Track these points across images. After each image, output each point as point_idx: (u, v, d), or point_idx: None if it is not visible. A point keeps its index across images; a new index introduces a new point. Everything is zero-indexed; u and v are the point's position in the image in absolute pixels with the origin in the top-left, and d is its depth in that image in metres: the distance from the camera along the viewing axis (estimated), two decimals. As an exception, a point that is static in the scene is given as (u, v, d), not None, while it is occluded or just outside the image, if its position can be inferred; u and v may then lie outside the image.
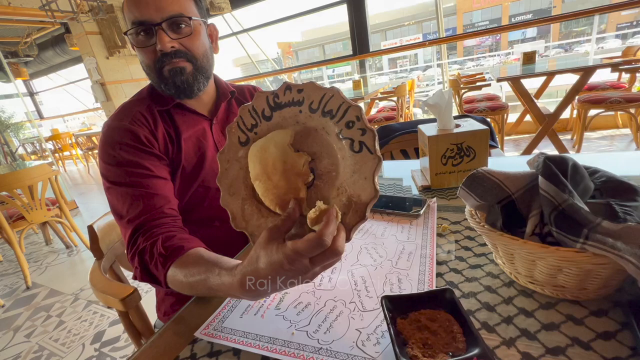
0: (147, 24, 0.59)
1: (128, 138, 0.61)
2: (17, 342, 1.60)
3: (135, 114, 0.64)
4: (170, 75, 0.62)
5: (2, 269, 2.47)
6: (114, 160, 0.60)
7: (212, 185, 0.70)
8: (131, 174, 0.59)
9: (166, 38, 0.59)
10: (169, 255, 0.49)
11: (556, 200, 0.34)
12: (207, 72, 0.67)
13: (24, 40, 5.20)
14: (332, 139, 0.36)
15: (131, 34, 0.61)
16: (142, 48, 0.62)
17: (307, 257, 0.31)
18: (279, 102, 0.37)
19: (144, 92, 0.70)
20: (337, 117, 0.35)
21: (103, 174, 0.61)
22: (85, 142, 6.24)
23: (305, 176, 0.38)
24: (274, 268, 0.33)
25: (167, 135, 0.66)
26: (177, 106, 0.68)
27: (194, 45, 0.63)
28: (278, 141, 0.38)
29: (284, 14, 5.80)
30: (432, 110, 0.69)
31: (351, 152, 0.36)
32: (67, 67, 7.49)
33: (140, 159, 0.60)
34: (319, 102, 0.36)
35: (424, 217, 0.61)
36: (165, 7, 0.58)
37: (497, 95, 3.22)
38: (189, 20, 0.61)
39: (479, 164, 0.67)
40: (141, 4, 0.58)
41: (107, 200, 0.61)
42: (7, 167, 3.18)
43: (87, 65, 3.91)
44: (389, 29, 33.43)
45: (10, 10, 3.09)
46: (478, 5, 28.06)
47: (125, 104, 0.68)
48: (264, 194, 0.38)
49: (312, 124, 0.37)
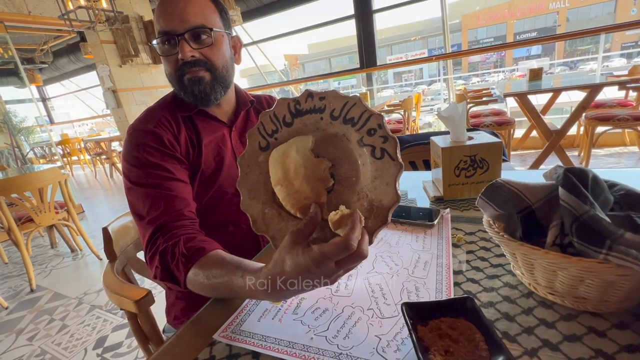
0: (171, 34, 0.62)
1: (152, 141, 0.63)
2: (20, 345, 1.60)
3: (160, 118, 0.66)
4: (189, 83, 0.64)
5: (7, 271, 2.48)
6: (138, 162, 0.61)
7: (228, 190, 0.72)
8: (153, 175, 0.60)
9: (187, 48, 0.62)
10: (191, 256, 0.50)
11: (577, 211, 0.34)
12: (225, 82, 0.69)
13: (41, 47, 5.35)
14: (353, 145, 0.37)
15: (157, 43, 0.64)
16: (166, 57, 0.65)
17: (333, 260, 0.32)
18: (300, 108, 0.38)
19: (168, 97, 0.72)
20: (359, 124, 0.36)
21: (125, 174, 0.63)
22: (93, 148, 6.33)
23: (326, 181, 0.39)
24: (300, 271, 0.33)
25: (189, 139, 0.68)
26: (199, 112, 0.70)
27: (214, 56, 0.65)
28: (299, 147, 0.39)
29: (293, 27, 5.93)
30: (446, 122, 0.71)
31: (372, 158, 0.37)
32: (79, 75, 7.67)
33: (162, 161, 0.62)
34: (341, 109, 0.37)
35: (437, 227, 0.61)
36: (189, 19, 0.61)
37: (503, 111, 3.24)
38: (210, 31, 0.64)
39: (493, 176, 0.67)
40: (167, 16, 0.61)
41: (128, 201, 0.62)
42: (18, 170, 3.23)
43: (100, 72, 4.00)
44: (395, 44, 33.96)
45: (30, 18, 3.20)
46: (483, 22, 28.51)
47: (150, 108, 0.70)
48: (285, 198, 0.39)
49: (333, 130, 0.38)
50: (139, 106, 4.12)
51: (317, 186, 0.38)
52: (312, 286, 0.35)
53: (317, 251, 0.32)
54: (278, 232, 0.40)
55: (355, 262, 0.33)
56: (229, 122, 0.74)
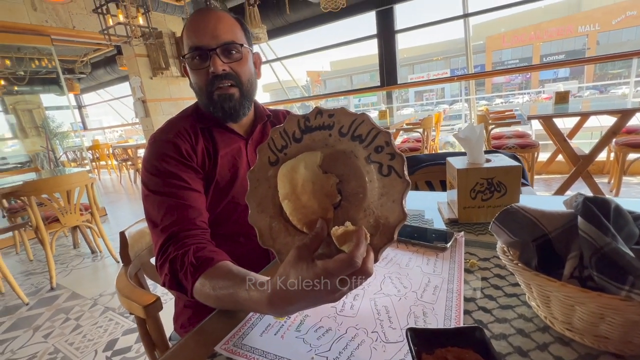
0: (204, 49, 0.65)
1: (171, 150, 0.65)
2: (35, 341, 1.64)
3: (180, 129, 0.69)
4: (219, 99, 0.68)
5: (32, 268, 2.59)
6: (156, 170, 0.64)
7: (241, 201, 0.73)
8: (170, 184, 0.63)
9: (219, 61, 0.65)
10: (199, 266, 0.51)
11: (597, 243, 0.32)
12: (251, 97, 0.73)
13: (81, 59, 5.75)
14: (361, 162, 0.37)
15: (188, 58, 0.67)
16: (196, 70, 0.67)
17: (337, 276, 0.32)
18: (310, 125, 0.39)
19: (189, 110, 0.76)
20: (367, 141, 0.37)
21: (144, 181, 0.65)
22: (120, 154, 6.63)
23: (333, 197, 0.39)
24: (303, 286, 0.33)
25: (206, 150, 0.70)
26: (218, 125, 0.73)
27: (242, 70, 0.69)
28: (308, 162, 0.39)
29: (316, 45, 6.09)
30: (463, 143, 0.69)
31: (379, 175, 0.36)
32: (113, 85, 8.14)
33: (179, 171, 0.64)
34: (349, 127, 0.37)
35: (450, 250, 0.59)
36: (220, 35, 0.65)
37: (527, 133, 3.15)
38: (240, 47, 0.67)
39: (510, 201, 0.65)
40: (200, 32, 0.65)
41: (144, 208, 0.65)
42: (50, 172, 3.42)
43: (133, 83, 4.23)
44: (417, 63, 34.11)
45: (74, 33, 3.47)
46: (508, 44, 28.22)
47: (171, 119, 0.73)
48: (292, 213, 0.39)
49: (341, 147, 0.38)
50: (165, 116, 4.30)
51: (324, 202, 0.38)
52: (315, 302, 0.35)
53: (321, 267, 0.32)
54: (284, 246, 0.40)
55: (359, 279, 0.33)
56: (245, 135, 0.77)
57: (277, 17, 4.11)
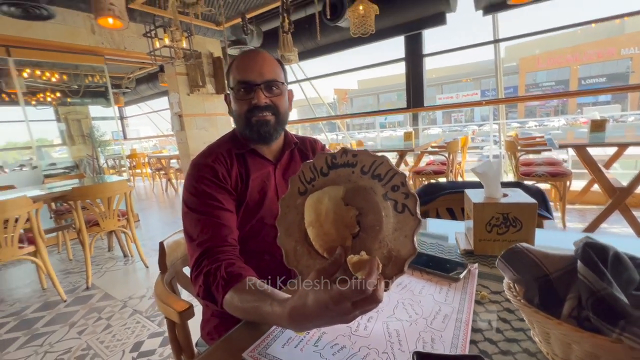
0: (251, 84, 0.75)
1: (209, 174, 0.74)
2: (70, 337, 1.77)
3: (218, 154, 0.79)
4: (256, 124, 0.77)
5: (71, 267, 2.79)
6: (195, 191, 0.73)
7: (267, 222, 0.80)
8: (206, 204, 0.71)
9: (262, 95, 0.75)
10: (229, 280, 0.57)
11: (594, 286, 0.35)
12: (283, 125, 0.82)
13: (128, 76, 6.28)
14: (379, 198, 0.42)
15: (235, 89, 0.77)
16: (241, 100, 0.77)
17: (350, 300, 0.37)
18: (336, 162, 0.45)
19: (227, 136, 0.85)
20: (385, 180, 0.42)
21: (184, 200, 0.74)
22: (155, 163, 7.04)
23: (352, 227, 0.44)
24: (319, 306, 0.38)
25: (239, 174, 0.79)
26: (251, 151, 0.82)
27: (280, 103, 0.79)
28: (332, 195, 0.45)
29: (345, 66, 6.25)
30: (480, 178, 0.73)
31: (394, 212, 0.41)
32: (153, 99, 8.75)
33: (215, 192, 0.73)
34: (370, 166, 0.43)
35: (463, 281, 0.62)
36: (265, 74, 0.75)
37: (559, 160, 3.05)
38: (280, 84, 0.78)
39: (526, 236, 0.67)
40: (248, 70, 0.75)
41: (183, 223, 0.73)
42: (92, 179, 3.71)
43: (171, 99, 4.55)
44: (446, 84, 33.80)
45: (125, 53, 3.83)
46: (543, 66, 27.37)
47: (211, 145, 0.83)
48: (315, 238, 0.45)
49: (362, 183, 0.44)
50: (199, 130, 4.57)
51: (343, 231, 0.44)
52: (329, 322, 0.40)
53: (336, 290, 0.37)
54: (306, 268, 0.46)
55: (370, 305, 0.37)
56: (274, 161, 0.85)
57: (308, 41, 4.31)
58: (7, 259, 1.96)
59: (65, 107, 6.72)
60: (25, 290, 2.41)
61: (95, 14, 2.23)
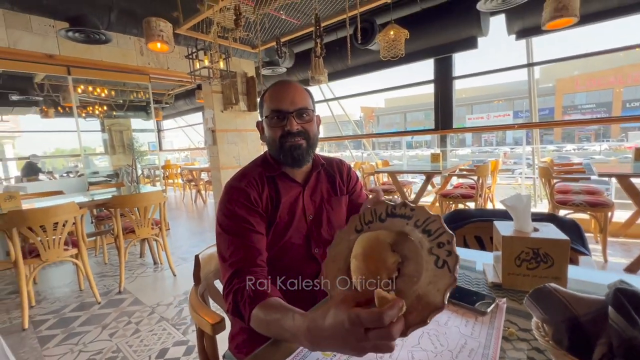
0: (283, 112, 0.81)
1: (242, 197, 0.80)
2: (102, 338, 1.87)
3: (250, 178, 0.84)
4: (290, 148, 0.82)
5: (106, 270, 2.96)
6: (229, 213, 0.78)
7: (295, 241, 0.85)
8: (239, 226, 0.76)
9: (294, 122, 0.81)
10: (255, 298, 0.62)
11: (625, 333, 0.35)
12: (314, 148, 0.88)
13: (168, 92, 6.73)
14: (424, 252, 0.45)
15: (269, 117, 0.83)
16: (274, 127, 0.83)
17: (364, 325, 0.38)
18: (395, 212, 0.50)
19: (259, 160, 0.92)
20: (433, 236, 0.45)
21: (218, 222, 0.80)
22: (186, 174, 7.38)
23: (391, 272, 0.48)
24: (336, 322, 0.40)
25: (270, 197, 0.84)
26: (281, 174, 0.87)
27: (310, 129, 0.85)
28: (382, 238, 0.50)
29: (372, 86, 6.34)
30: (510, 211, 0.73)
31: (434, 266, 0.44)
32: (189, 114, 9.28)
33: (247, 215, 0.78)
34: (423, 221, 0.46)
35: (491, 315, 0.61)
36: (297, 102, 0.82)
37: (600, 190, 2.88)
38: (310, 112, 0.84)
39: (558, 273, 0.66)
40: (280, 99, 0.82)
41: (216, 243, 0.79)
42: (128, 188, 3.96)
43: (206, 115, 4.82)
44: (476, 104, 33.05)
45: (168, 73, 4.15)
46: (582, 87, 26.10)
47: (244, 169, 0.89)
48: (355, 270, 0.49)
49: (412, 235, 0.47)
50: (230, 145, 4.77)
51: (382, 272, 0.48)
52: (341, 344, 0.41)
53: (354, 312, 0.39)
54: (338, 294, 0.49)
55: (382, 338, 0.38)
56: (303, 183, 0.90)
57: (337, 62, 4.44)
58: (53, 259, 2.13)
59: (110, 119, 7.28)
60: (65, 289, 2.58)
61: (146, 39, 2.46)
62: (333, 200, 0.93)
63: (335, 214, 0.92)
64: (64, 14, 2.77)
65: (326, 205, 0.91)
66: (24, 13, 2.85)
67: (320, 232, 0.89)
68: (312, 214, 0.89)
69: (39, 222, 1.99)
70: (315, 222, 0.89)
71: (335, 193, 0.94)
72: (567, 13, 2.31)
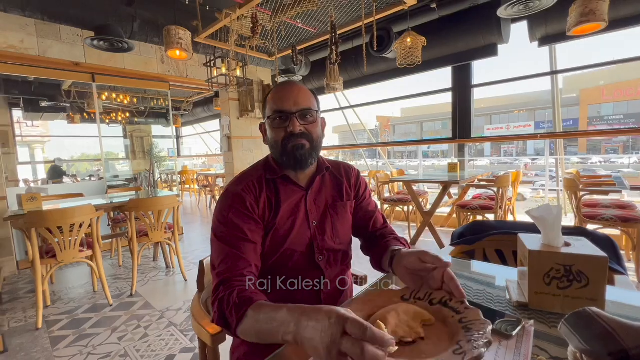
0: (286, 113, 0.78)
1: (237, 203, 0.77)
2: (112, 341, 1.86)
3: (248, 182, 0.81)
4: (292, 149, 0.78)
5: (119, 273, 3.00)
6: (224, 220, 0.76)
7: (297, 249, 0.81)
8: (231, 235, 0.74)
9: (297, 123, 0.78)
10: (240, 304, 0.60)
11: (691, 374, 0.29)
12: (317, 151, 0.84)
13: (187, 100, 6.91)
14: (453, 342, 0.46)
15: (271, 118, 0.80)
16: (277, 128, 0.80)
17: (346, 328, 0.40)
18: (448, 304, 0.51)
19: (260, 163, 0.88)
20: (470, 333, 0.46)
21: (213, 228, 0.77)
22: (202, 180, 7.50)
23: (408, 337, 0.49)
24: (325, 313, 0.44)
25: (268, 201, 0.81)
26: (283, 177, 0.84)
27: (313, 130, 0.81)
28: (418, 315, 0.52)
29: (389, 94, 6.29)
30: (537, 222, 0.66)
31: (452, 353, 0.43)
32: (206, 121, 9.49)
33: (242, 222, 0.75)
34: (469, 320, 0.48)
35: (516, 339, 0.55)
36: (300, 103, 0.79)
37: (632, 204, 2.70)
38: (314, 112, 0.81)
39: (594, 294, 0.58)
40: (284, 100, 0.79)
41: (210, 249, 0.77)
42: (146, 192, 4.04)
43: (223, 122, 4.89)
44: (495, 114, 32.30)
45: (187, 80, 4.25)
46: (609, 98, 25.05)
47: (243, 172, 0.86)
48: (377, 319, 0.51)
49: (452, 326, 0.49)
50: (245, 152, 4.81)
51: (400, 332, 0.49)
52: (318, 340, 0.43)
53: (344, 312, 0.41)
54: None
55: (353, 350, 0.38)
56: (305, 187, 0.86)
57: (353, 70, 4.43)
58: (69, 260, 2.16)
59: (132, 125, 7.53)
60: (79, 290, 2.62)
61: (165, 47, 2.52)
62: (338, 206, 0.89)
63: (340, 220, 0.88)
64: (90, 23, 2.89)
65: (331, 211, 0.87)
66: (54, 23, 3.00)
67: (324, 239, 0.84)
68: (316, 219, 0.85)
69: (57, 223, 2.03)
70: (320, 229, 0.85)
71: (340, 198, 0.90)
72: (595, 18, 2.21)
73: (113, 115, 6.56)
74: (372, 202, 0.98)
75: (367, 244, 0.93)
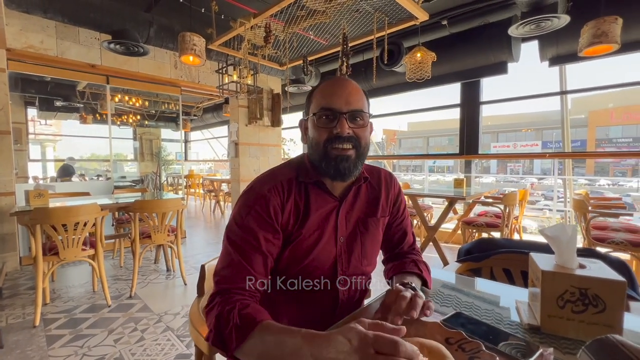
0: (335, 112, 0.70)
1: (259, 205, 0.69)
2: (107, 343, 1.84)
3: (277, 182, 0.73)
4: (336, 159, 0.70)
5: (120, 274, 2.98)
6: (241, 222, 0.69)
7: (319, 265, 0.74)
8: (243, 241, 0.67)
9: (346, 125, 0.70)
10: (243, 326, 0.54)
11: None
12: (363, 160, 0.75)
13: (197, 105, 7.01)
14: None
15: (317, 116, 0.72)
16: (322, 127, 0.71)
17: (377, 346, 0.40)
18: (472, 353, 0.52)
19: (294, 162, 0.80)
20: None
21: (228, 226, 0.71)
22: (207, 185, 7.53)
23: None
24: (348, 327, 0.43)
25: (295, 207, 0.73)
26: (316, 183, 0.75)
27: (363, 135, 0.73)
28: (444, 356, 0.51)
29: (397, 106, 6.32)
30: (551, 242, 0.64)
31: None
32: (215, 127, 9.60)
33: (259, 229, 0.68)
34: None
35: (529, 365, 0.52)
36: (352, 103, 0.71)
37: (642, 228, 2.63)
38: (366, 115, 0.73)
39: (610, 321, 0.56)
40: (334, 97, 0.71)
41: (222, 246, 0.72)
42: (152, 194, 4.06)
43: (231, 128, 4.94)
44: (502, 132, 32.22)
45: (198, 86, 4.32)
46: (617, 120, 24.88)
47: (274, 169, 0.78)
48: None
49: None
50: (251, 158, 4.84)
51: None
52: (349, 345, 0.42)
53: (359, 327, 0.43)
54: None
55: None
56: (339, 197, 0.77)
57: (362, 82, 4.47)
58: (71, 258, 2.16)
59: (142, 128, 7.63)
60: (79, 289, 2.61)
61: (180, 52, 2.57)
62: (369, 222, 0.79)
63: (370, 238, 0.79)
64: (108, 27, 2.97)
65: (360, 227, 0.78)
66: (73, 26, 3.08)
67: (350, 259, 0.76)
68: (344, 235, 0.76)
69: (61, 220, 2.04)
70: (347, 247, 0.76)
71: (374, 213, 0.80)
72: (607, 40, 2.21)
73: (124, 118, 6.66)
74: (408, 221, 0.89)
75: (387, 256, 0.89)
